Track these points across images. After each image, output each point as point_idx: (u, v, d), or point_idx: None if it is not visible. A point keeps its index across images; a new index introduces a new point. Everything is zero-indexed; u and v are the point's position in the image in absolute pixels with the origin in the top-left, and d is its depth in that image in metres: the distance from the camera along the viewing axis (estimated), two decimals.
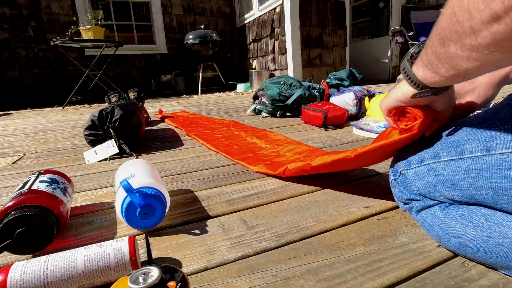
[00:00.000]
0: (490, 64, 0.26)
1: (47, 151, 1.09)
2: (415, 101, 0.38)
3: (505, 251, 0.32)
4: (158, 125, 1.54)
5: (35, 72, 3.39)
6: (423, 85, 0.35)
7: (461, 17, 0.25)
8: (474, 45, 0.25)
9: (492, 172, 0.32)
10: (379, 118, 1.05)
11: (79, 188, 0.68)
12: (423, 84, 0.35)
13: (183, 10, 4.06)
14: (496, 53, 0.24)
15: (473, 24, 0.24)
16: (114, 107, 1.00)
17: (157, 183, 0.48)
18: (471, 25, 0.24)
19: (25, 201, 0.41)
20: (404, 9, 3.64)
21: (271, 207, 0.54)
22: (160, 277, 0.25)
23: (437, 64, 0.31)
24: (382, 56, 3.85)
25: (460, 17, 0.25)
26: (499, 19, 0.21)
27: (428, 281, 0.34)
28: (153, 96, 3.69)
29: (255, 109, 1.64)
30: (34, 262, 0.33)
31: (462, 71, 0.28)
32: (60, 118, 2.07)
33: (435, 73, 0.32)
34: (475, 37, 0.24)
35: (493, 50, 0.24)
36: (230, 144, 1.00)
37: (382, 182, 0.63)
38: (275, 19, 3.19)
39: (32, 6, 3.29)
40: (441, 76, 0.32)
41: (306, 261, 0.38)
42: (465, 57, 0.27)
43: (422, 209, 0.42)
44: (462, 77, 0.30)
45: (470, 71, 0.28)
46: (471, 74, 0.29)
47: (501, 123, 0.34)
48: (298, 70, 3.06)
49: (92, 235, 0.48)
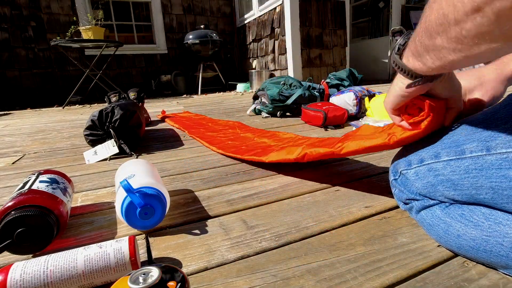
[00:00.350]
0: (474, 56, 0.27)
1: (47, 151, 1.09)
2: (414, 91, 0.38)
3: (505, 250, 0.32)
4: (158, 125, 1.54)
5: (35, 72, 3.40)
6: (416, 74, 0.35)
7: (446, 10, 0.26)
8: (459, 38, 0.26)
9: (492, 171, 0.32)
10: (379, 118, 1.05)
11: (79, 188, 0.68)
12: (415, 73, 0.35)
13: (183, 10, 4.06)
14: (480, 46, 0.25)
15: (457, 16, 0.25)
16: (114, 107, 1.00)
17: (157, 183, 0.48)
18: (455, 17, 0.25)
19: (25, 201, 0.41)
20: (404, 9, 3.64)
21: (271, 207, 0.54)
22: (160, 277, 0.25)
23: (424, 55, 0.32)
24: (382, 56, 3.85)
25: (446, 10, 0.26)
26: (480, 10, 0.22)
27: (428, 281, 0.34)
28: (153, 96, 3.69)
29: (255, 109, 1.64)
30: (34, 262, 0.33)
31: (447, 62, 0.30)
32: (60, 118, 2.07)
33: (423, 63, 0.33)
34: (460, 30, 0.25)
35: (477, 42, 0.25)
36: (238, 146, 0.94)
37: (382, 182, 0.63)
38: (275, 19, 3.19)
39: (32, 6, 3.29)
40: (428, 67, 0.32)
41: (306, 261, 0.38)
42: (451, 49, 0.28)
43: (422, 208, 0.42)
44: (448, 68, 0.32)
45: (455, 62, 0.29)
46: (455, 66, 0.30)
47: (501, 123, 0.34)
48: (298, 70, 3.06)
49: (92, 235, 0.48)
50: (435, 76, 0.36)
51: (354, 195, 0.57)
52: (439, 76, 0.37)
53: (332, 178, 0.66)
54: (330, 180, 0.64)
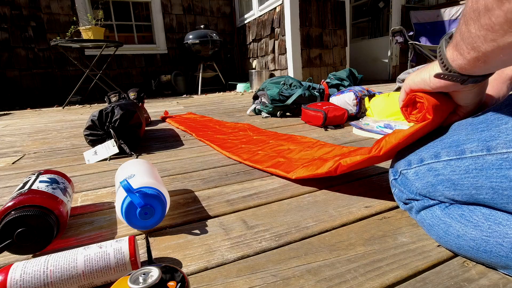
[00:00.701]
0: (508, 46, 0.26)
1: (47, 151, 1.09)
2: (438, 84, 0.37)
3: (505, 250, 0.32)
4: (158, 125, 1.54)
5: (35, 72, 3.40)
6: (451, 68, 0.35)
7: None
8: (489, 24, 0.26)
9: (492, 171, 0.32)
10: (379, 118, 1.05)
11: (79, 188, 0.68)
12: (451, 66, 0.34)
13: (183, 10, 4.06)
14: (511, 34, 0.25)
15: (487, 2, 0.25)
16: (114, 107, 1.00)
17: (157, 183, 0.48)
18: (485, 3, 0.25)
19: (25, 201, 0.41)
20: (404, 9, 3.64)
21: (271, 207, 0.54)
22: (160, 277, 0.25)
23: (461, 44, 0.31)
24: (382, 56, 3.85)
25: None
26: None
27: (428, 281, 0.34)
28: (153, 96, 3.69)
29: (255, 109, 1.64)
30: (34, 262, 0.33)
31: (481, 53, 0.29)
32: (60, 118, 2.07)
33: (460, 54, 0.32)
34: (489, 16, 0.25)
35: (506, 29, 0.24)
36: (254, 151, 0.87)
37: (382, 182, 0.63)
38: (275, 19, 3.19)
39: (32, 6, 3.29)
40: (464, 58, 0.32)
41: (306, 261, 0.38)
42: (482, 36, 0.27)
43: (422, 209, 0.42)
44: (483, 61, 0.30)
45: (489, 54, 0.28)
46: (491, 58, 0.29)
47: (501, 123, 0.34)
48: (298, 70, 3.06)
49: (92, 235, 0.48)
50: (469, 79, 0.35)
51: (354, 195, 0.57)
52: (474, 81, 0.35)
53: (332, 178, 0.66)
54: (330, 180, 0.64)
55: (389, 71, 3.78)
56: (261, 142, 0.97)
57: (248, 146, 0.93)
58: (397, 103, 1.00)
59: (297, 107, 1.51)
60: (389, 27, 3.63)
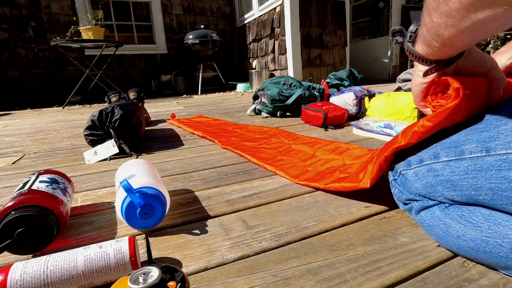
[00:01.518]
0: (470, 30, 0.27)
1: (47, 151, 1.09)
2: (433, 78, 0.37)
3: (504, 251, 0.32)
4: (158, 125, 1.54)
5: (35, 72, 3.40)
6: (429, 59, 0.35)
7: None
8: (448, 11, 0.27)
9: (491, 172, 0.32)
10: (379, 118, 1.05)
11: (79, 188, 0.68)
12: (427, 59, 0.35)
13: (183, 10, 4.06)
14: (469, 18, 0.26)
15: None
16: (114, 107, 1.00)
17: (157, 183, 0.48)
18: None
19: (25, 201, 0.41)
20: (404, 9, 3.64)
21: (271, 207, 0.54)
22: (160, 277, 0.25)
23: (427, 36, 0.32)
24: (382, 56, 3.85)
25: None
26: None
27: (428, 281, 0.34)
28: (153, 96, 3.69)
29: (255, 109, 1.64)
30: (34, 262, 0.33)
31: (446, 39, 0.30)
32: (60, 118, 2.07)
33: (429, 46, 0.33)
34: (447, 3, 0.26)
35: (463, 14, 0.26)
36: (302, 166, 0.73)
37: (382, 182, 0.62)
38: (275, 19, 3.19)
39: (32, 6, 3.29)
40: (433, 47, 0.32)
41: (306, 261, 0.38)
42: (443, 23, 0.28)
43: (422, 209, 0.42)
44: (449, 46, 0.31)
45: (452, 39, 0.29)
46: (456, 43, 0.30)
47: (500, 124, 0.34)
48: (298, 70, 3.06)
49: (92, 235, 0.48)
50: (450, 60, 0.35)
51: (354, 195, 0.57)
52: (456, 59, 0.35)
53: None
54: None
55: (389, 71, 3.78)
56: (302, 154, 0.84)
57: (290, 159, 0.80)
58: (397, 103, 1.00)
59: (297, 107, 1.51)
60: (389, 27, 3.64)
